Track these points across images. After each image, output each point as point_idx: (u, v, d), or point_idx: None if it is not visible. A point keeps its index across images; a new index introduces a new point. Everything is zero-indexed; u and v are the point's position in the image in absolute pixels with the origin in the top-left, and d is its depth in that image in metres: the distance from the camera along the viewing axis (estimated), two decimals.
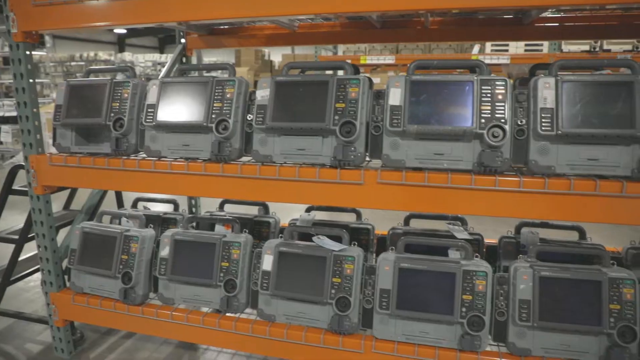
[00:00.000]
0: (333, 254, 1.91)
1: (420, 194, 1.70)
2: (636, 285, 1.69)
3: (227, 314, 2.10)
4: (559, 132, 1.57)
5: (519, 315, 1.74)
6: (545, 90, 1.62)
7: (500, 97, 1.64)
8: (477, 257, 1.86)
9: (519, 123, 1.67)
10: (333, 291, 1.89)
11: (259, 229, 2.38)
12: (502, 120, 1.62)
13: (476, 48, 5.48)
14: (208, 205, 3.14)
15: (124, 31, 16.42)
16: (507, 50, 5.17)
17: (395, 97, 1.71)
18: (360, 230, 2.26)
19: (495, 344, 1.85)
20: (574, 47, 5.93)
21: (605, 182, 1.57)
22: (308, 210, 2.37)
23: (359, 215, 2.36)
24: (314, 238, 2.00)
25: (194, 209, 3.34)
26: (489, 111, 1.64)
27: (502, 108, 1.63)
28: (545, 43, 5.04)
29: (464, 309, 1.77)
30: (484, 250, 2.15)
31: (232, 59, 11.44)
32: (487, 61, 4.76)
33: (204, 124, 1.89)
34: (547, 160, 1.63)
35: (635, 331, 1.66)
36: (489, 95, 1.65)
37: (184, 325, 2.10)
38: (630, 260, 1.98)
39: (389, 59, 5.59)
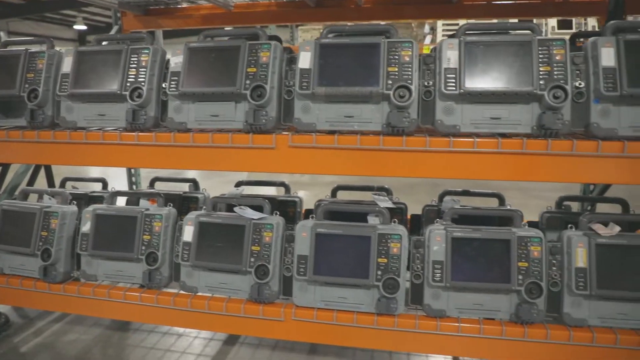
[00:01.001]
0: (252, 222, 1.90)
1: (332, 156, 1.71)
2: (543, 242, 1.73)
3: (151, 289, 2.06)
4: (462, 90, 1.60)
5: (433, 276, 1.76)
6: (449, 51, 1.64)
7: (406, 59, 1.66)
8: (395, 222, 1.88)
9: (426, 84, 1.69)
10: (252, 259, 1.88)
11: (188, 204, 2.35)
12: (409, 82, 1.64)
13: (427, 27, 5.54)
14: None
15: (85, 27, 16.06)
16: None
17: (305, 60, 1.71)
18: (287, 203, 2.25)
19: (413, 307, 1.86)
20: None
21: (507, 140, 1.61)
22: (237, 185, 2.36)
23: (287, 189, 2.36)
24: (235, 208, 1.98)
25: (134, 186, 3.29)
26: (396, 73, 1.65)
27: (409, 70, 1.65)
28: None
29: (379, 272, 1.78)
30: (407, 217, 2.16)
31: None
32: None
33: (118, 92, 1.85)
34: (452, 119, 1.65)
35: (541, 287, 1.70)
36: (396, 57, 1.67)
37: (107, 302, 2.06)
38: (545, 223, 2.03)
39: None
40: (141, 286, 2.09)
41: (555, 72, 1.57)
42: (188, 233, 1.97)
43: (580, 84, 1.61)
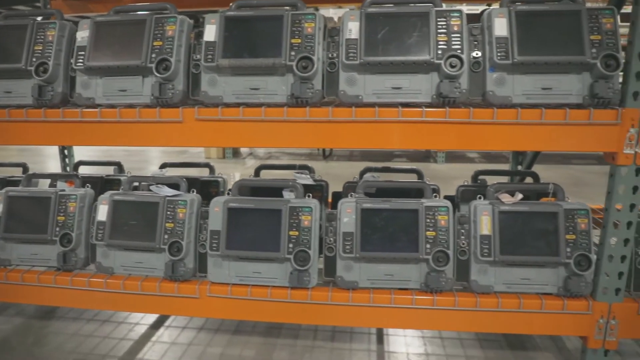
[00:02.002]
0: (166, 199, 1.88)
1: (238, 129, 1.70)
2: (450, 212, 1.76)
3: (66, 271, 2.01)
4: (362, 61, 1.62)
5: (344, 248, 1.77)
6: (350, 22, 1.66)
7: (309, 30, 1.67)
8: (309, 196, 1.89)
9: (330, 56, 1.70)
10: (166, 237, 1.86)
11: (111, 187, 2.31)
12: (311, 52, 1.65)
13: None
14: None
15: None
16: None
17: (211, 33, 1.71)
18: (210, 183, 2.24)
19: (329, 280, 1.87)
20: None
21: (407, 110, 1.63)
22: (162, 167, 2.33)
23: (211, 170, 2.34)
24: (151, 187, 1.96)
25: (67, 169, 3.20)
26: (298, 44, 1.66)
27: (312, 41, 1.66)
28: None
29: (291, 245, 1.78)
30: (329, 194, 2.18)
31: None
32: None
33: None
34: (355, 90, 1.67)
35: (448, 255, 1.73)
36: (300, 29, 1.68)
37: (21, 286, 2.00)
38: (460, 196, 2.06)
39: None
40: (57, 269, 2.04)
41: (452, 42, 1.61)
42: (102, 212, 1.93)
43: (477, 54, 1.65)
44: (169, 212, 1.87)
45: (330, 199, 2.26)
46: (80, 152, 3.23)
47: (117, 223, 1.91)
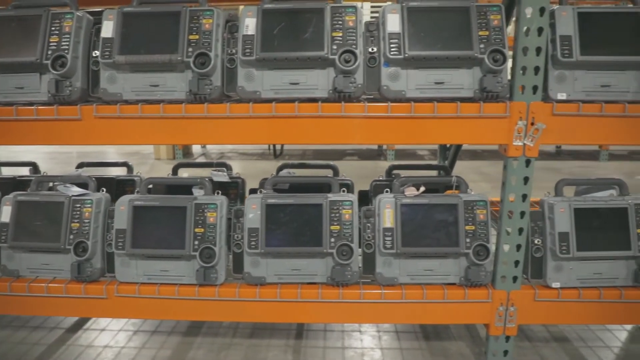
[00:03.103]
0: (72, 199, 1.85)
1: (137, 126, 1.69)
2: (354, 205, 1.79)
3: None
4: (257, 57, 1.62)
5: (249, 244, 1.78)
6: (248, 18, 1.66)
7: (207, 26, 1.67)
8: (218, 193, 1.88)
9: (229, 52, 1.71)
10: (72, 237, 1.83)
11: (24, 188, 2.25)
12: (208, 49, 1.65)
13: None
14: None
15: None
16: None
17: (108, 29, 1.69)
18: (127, 182, 2.21)
19: (239, 277, 1.87)
20: None
21: (304, 105, 1.65)
22: (79, 167, 2.29)
23: (130, 169, 2.31)
24: (58, 187, 1.92)
25: None
26: (196, 41, 1.66)
27: (209, 38, 1.66)
28: None
29: (196, 242, 1.77)
30: (245, 191, 2.18)
31: None
32: None
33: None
34: (252, 86, 1.67)
35: (352, 249, 1.75)
36: (197, 25, 1.67)
37: None
38: (373, 190, 2.09)
39: None
40: None
41: (347, 38, 1.63)
42: (6, 214, 1.89)
43: (373, 49, 1.68)
44: (74, 212, 1.84)
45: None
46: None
47: (22, 224, 1.87)
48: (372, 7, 5.73)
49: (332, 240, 1.76)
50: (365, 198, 2.11)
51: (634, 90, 1.67)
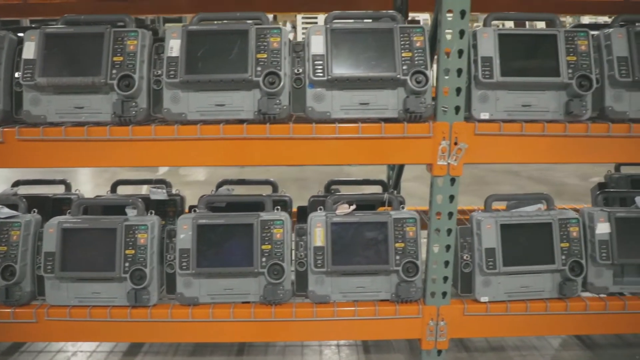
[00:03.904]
0: None
1: (61, 148, 1.67)
2: (285, 224, 1.79)
3: None
4: (181, 79, 1.62)
5: (181, 264, 1.77)
6: (172, 40, 1.65)
7: (132, 48, 1.66)
8: (151, 213, 1.87)
9: (156, 74, 1.70)
10: None
11: None
12: (133, 71, 1.64)
13: (289, 26, 5.66)
14: None
15: None
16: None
17: (30, 50, 1.66)
18: (63, 201, 2.18)
19: (173, 297, 1.86)
20: None
21: (229, 126, 1.65)
22: (14, 185, 2.25)
23: (68, 186, 2.28)
24: None
25: None
26: (120, 62, 1.64)
27: (134, 59, 1.65)
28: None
29: (127, 264, 1.76)
30: (184, 208, 2.17)
31: None
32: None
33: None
34: (178, 108, 1.67)
35: (283, 268, 1.76)
36: (122, 47, 1.66)
37: None
38: (311, 206, 2.10)
39: None
40: None
41: (272, 59, 1.64)
42: None
43: (299, 70, 1.69)
44: (1, 235, 1.80)
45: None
46: None
47: None
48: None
49: (264, 259, 1.77)
50: (304, 214, 2.12)
51: (553, 109, 1.71)
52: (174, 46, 1.65)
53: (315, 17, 5.48)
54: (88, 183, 5.04)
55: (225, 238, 1.79)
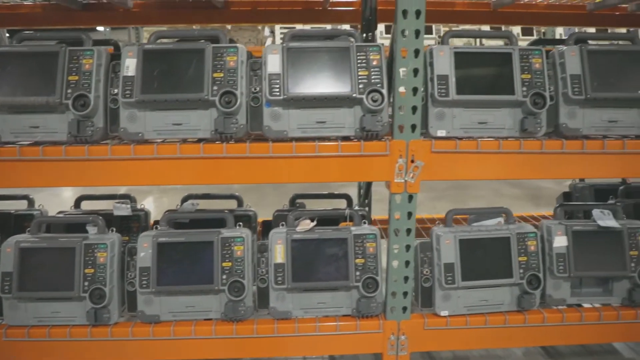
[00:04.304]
0: None
1: (15, 168, 1.65)
2: (246, 241, 1.80)
3: None
4: (137, 99, 1.61)
5: (140, 283, 1.76)
6: (128, 59, 1.65)
7: (87, 67, 1.65)
8: (112, 230, 1.86)
9: (112, 93, 1.69)
10: None
11: None
12: (88, 90, 1.63)
13: (268, 41, 5.67)
14: None
15: None
16: None
17: None
18: (26, 217, 2.16)
19: (135, 314, 1.85)
20: None
21: (187, 145, 1.65)
22: None
23: (30, 202, 2.26)
24: None
25: None
26: (75, 82, 1.63)
27: (89, 78, 1.64)
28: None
29: (86, 283, 1.75)
30: (148, 224, 2.16)
31: None
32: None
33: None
34: (135, 127, 1.66)
35: (244, 285, 1.76)
36: (77, 65, 1.65)
37: None
38: (275, 221, 2.11)
39: None
40: None
41: (228, 79, 1.64)
42: None
43: (256, 89, 1.69)
44: None
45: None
46: None
47: None
48: None
49: (224, 277, 1.77)
50: (269, 228, 2.12)
51: (509, 126, 1.74)
52: (129, 65, 1.64)
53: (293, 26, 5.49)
54: (56, 196, 4.98)
55: (186, 256, 1.78)
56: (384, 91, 1.64)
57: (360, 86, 1.64)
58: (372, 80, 1.65)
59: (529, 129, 1.70)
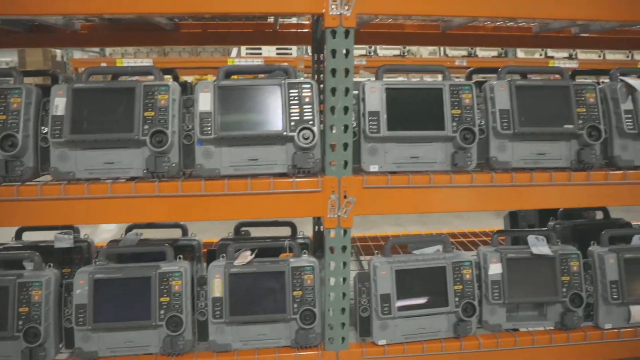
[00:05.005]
0: None
1: None
2: (184, 276, 1.80)
3: None
4: (67, 138, 1.60)
5: (77, 320, 1.76)
6: (57, 98, 1.64)
7: (15, 106, 1.63)
8: (49, 266, 1.85)
9: (43, 131, 1.68)
10: None
11: None
12: (16, 130, 1.61)
13: (234, 51, 5.65)
14: None
15: None
16: (260, 54, 5.38)
17: None
18: None
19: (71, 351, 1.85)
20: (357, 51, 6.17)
21: (119, 185, 1.65)
22: None
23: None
24: None
25: None
26: (2, 121, 1.62)
27: (17, 117, 1.62)
28: (294, 47, 5.31)
29: (20, 322, 1.74)
30: (90, 255, 2.15)
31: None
32: (243, 62, 4.91)
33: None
34: (66, 166, 1.65)
35: (182, 319, 1.77)
36: (5, 104, 1.63)
37: None
38: (220, 250, 2.11)
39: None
40: None
41: (159, 117, 1.64)
42: None
43: (189, 127, 1.69)
44: None
45: None
46: None
47: None
48: None
49: (162, 312, 1.77)
50: (214, 258, 2.13)
51: (440, 160, 1.77)
52: (59, 104, 1.63)
53: (260, 48, 5.44)
54: None
55: (123, 291, 1.78)
56: (315, 129, 1.66)
57: (292, 124, 1.66)
58: (304, 118, 1.67)
59: (459, 164, 1.74)
